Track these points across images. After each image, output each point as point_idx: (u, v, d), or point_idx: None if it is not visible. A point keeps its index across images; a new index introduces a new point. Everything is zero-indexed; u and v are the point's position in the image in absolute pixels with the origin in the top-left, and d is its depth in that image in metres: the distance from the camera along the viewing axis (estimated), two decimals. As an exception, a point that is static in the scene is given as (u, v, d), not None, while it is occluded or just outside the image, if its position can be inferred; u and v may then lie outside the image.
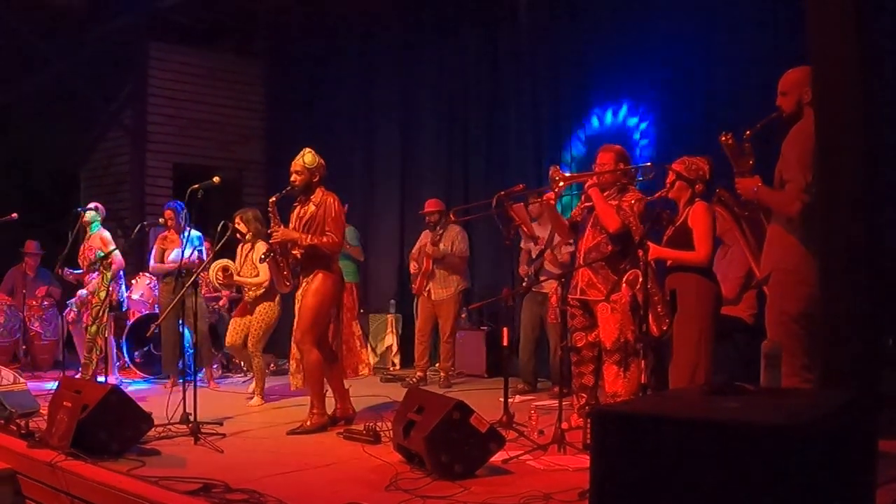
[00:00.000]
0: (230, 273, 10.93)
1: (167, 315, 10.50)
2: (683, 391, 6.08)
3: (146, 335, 11.76)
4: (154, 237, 15.01)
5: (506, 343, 9.06)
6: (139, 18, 15.97)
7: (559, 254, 10.75)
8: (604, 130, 12.06)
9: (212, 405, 9.93)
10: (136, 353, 12.92)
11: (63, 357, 12.93)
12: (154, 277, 12.92)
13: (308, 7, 15.77)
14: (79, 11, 15.55)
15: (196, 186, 9.38)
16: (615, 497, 3.79)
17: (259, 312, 10.72)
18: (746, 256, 7.73)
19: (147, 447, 7.70)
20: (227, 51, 17.41)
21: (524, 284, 11.20)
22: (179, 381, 9.99)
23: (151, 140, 16.64)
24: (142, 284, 12.90)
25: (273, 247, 9.13)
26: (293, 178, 8.88)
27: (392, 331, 14.46)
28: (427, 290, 12.31)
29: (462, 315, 12.88)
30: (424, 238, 12.50)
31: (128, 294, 12.81)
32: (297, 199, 9.00)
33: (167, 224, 11.93)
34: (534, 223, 11.26)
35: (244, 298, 11.04)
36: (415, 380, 12.10)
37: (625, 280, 7.60)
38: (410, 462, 7.07)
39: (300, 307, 8.82)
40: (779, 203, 6.40)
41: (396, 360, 14.32)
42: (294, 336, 8.93)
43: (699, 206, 7.40)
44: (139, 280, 13.03)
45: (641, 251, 7.03)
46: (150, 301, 12.81)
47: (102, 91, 16.98)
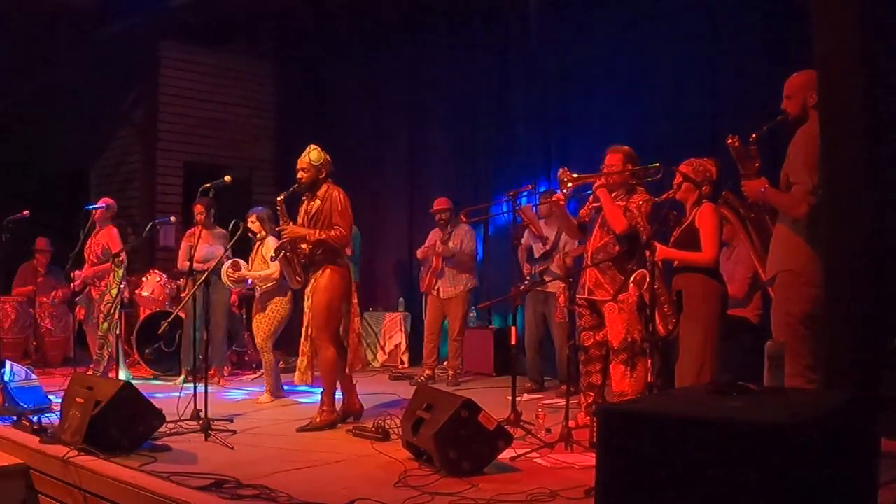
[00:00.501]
0: (239, 267, 10.97)
1: (188, 313, 10.58)
2: (688, 390, 6.12)
3: (158, 332, 11.81)
4: (166, 234, 15.11)
5: (513, 342, 9.12)
6: (150, 18, 15.99)
7: (567, 258, 10.79)
8: (611, 132, 12.10)
9: (223, 402, 10.03)
10: (147, 350, 12.98)
11: (74, 353, 12.99)
12: (165, 275, 12.99)
13: (317, 7, 15.80)
14: (90, 11, 15.61)
15: (207, 185, 9.44)
16: (620, 495, 3.83)
17: (270, 309, 10.75)
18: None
19: (158, 443, 7.73)
20: (238, 50, 17.43)
21: (526, 283, 11.24)
22: (189, 379, 10.03)
23: (162, 138, 16.67)
24: (152, 282, 12.94)
25: (283, 244, 9.18)
26: (300, 175, 8.92)
27: (401, 329, 14.51)
28: (436, 289, 12.36)
29: (470, 314, 12.93)
30: (433, 236, 12.55)
31: (138, 291, 12.85)
32: (305, 196, 9.04)
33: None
34: (541, 222, 11.30)
35: (256, 295, 11.10)
36: (423, 378, 12.11)
37: (632, 280, 7.64)
38: (419, 459, 7.12)
39: (312, 304, 8.85)
40: (785, 205, 6.44)
41: (405, 359, 14.35)
42: (311, 333, 8.97)
43: (706, 208, 7.43)
44: (149, 277, 13.06)
45: (648, 252, 7.07)
46: (161, 298, 12.84)
47: (113, 90, 17.02)
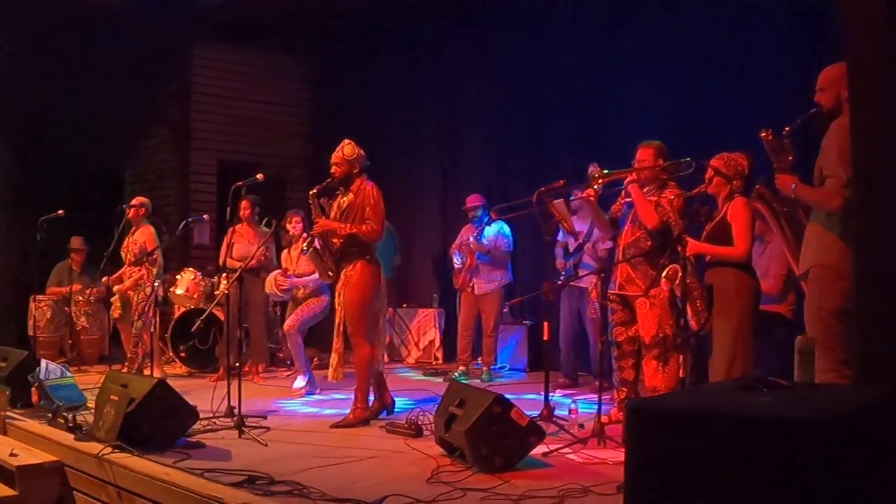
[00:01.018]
0: (288, 276, 11.03)
1: (256, 310, 10.64)
2: (718, 386, 6.10)
3: (192, 330, 11.85)
4: (200, 232, 15.17)
5: (546, 337, 9.11)
6: (183, 18, 16.08)
7: (598, 248, 10.77)
8: (643, 128, 12.07)
9: (257, 399, 10.05)
10: (181, 348, 13.04)
11: (109, 351, 13.05)
12: (199, 272, 13.04)
13: (351, 5, 15.84)
14: (124, 11, 15.68)
15: (240, 183, 9.47)
16: (649, 490, 3.82)
17: (307, 302, 10.84)
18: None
19: (192, 440, 7.79)
20: (271, 49, 17.48)
21: (561, 279, 11.22)
22: (223, 376, 10.06)
23: (196, 137, 16.78)
24: (186, 279, 12.98)
25: (314, 238, 9.19)
26: (333, 170, 8.92)
27: (435, 325, 14.53)
28: (470, 286, 12.35)
29: (504, 310, 12.94)
30: (466, 232, 12.54)
31: (172, 289, 12.89)
32: (339, 190, 9.04)
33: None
34: (574, 217, 11.29)
35: (295, 296, 11.15)
36: (457, 374, 12.12)
37: (664, 275, 7.63)
38: (452, 455, 7.12)
39: (344, 300, 8.86)
40: (819, 199, 6.40)
41: (439, 355, 14.39)
42: (344, 330, 9.00)
43: (738, 202, 7.42)
44: (184, 275, 13.10)
45: (680, 246, 7.05)
46: (195, 296, 12.87)
47: (147, 90, 17.11)
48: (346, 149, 8.90)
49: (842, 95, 6.23)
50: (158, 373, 11.57)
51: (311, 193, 9.12)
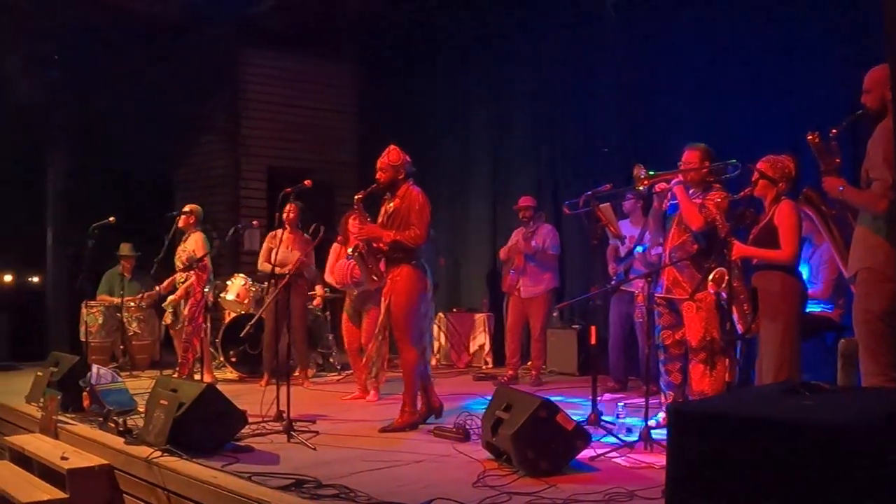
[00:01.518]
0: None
1: (268, 316, 10.69)
2: (761, 389, 6.09)
3: (241, 335, 11.91)
4: (251, 238, 15.24)
5: (594, 341, 9.11)
6: (232, 25, 16.20)
7: (650, 254, 10.74)
8: (691, 130, 12.05)
9: (306, 403, 10.10)
10: (232, 353, 13.12)
11: (160, 357, 13.15)
12: (249, 278, 13.11)
13: (399, 10, 15.89)
14: (173, 20, 15.80)
15: (288, 190, 9.51)
16: (689, 492, 3.83)
17: (371, 317, 10.87)
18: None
19: (241, 444, 7.84)
20: (319, 55, 17.55)
21: (612, 283, 11.20)
22: (273, 380, 10.10)
23: (245, 144, 16.86)
24: (236, 285, 13.06)
25: (359, 243, 9.22)
26: (378, 176, 8.94)
27: (484, 329, 14.53)
28: (518, 289, 12.34)
29: (553, 314, 12.92)
30: (516, 235, 12.54)
31: (223, 295, 12.97)
32: (386, 195, 9.07)
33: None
34: (624, 221, 11.27)
35: (351, 298, 11.17)
36: (506, 378, 12.14)
37: (711, 278, 7.60)
38: (498, 459, 7.13)
39: (390, 305, 8.87)
40: (865, 202, 6.36)
41: (489, 359, 14.38)
42: (385, 336, 9.03)
43: (785, 205, 7.39)
44: (234, 281, 13.19)
45: (726, 249, 7.03)
46: (245, 301, 12.95)
47: (197, 97, 17.22)
48: (391, 154, 8.92)
49: (886, 97, 6.20)
50: (209, 378, 11.70)
51: (357, 199, 9.17)
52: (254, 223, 13.20)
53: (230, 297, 12.96)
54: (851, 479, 3.42)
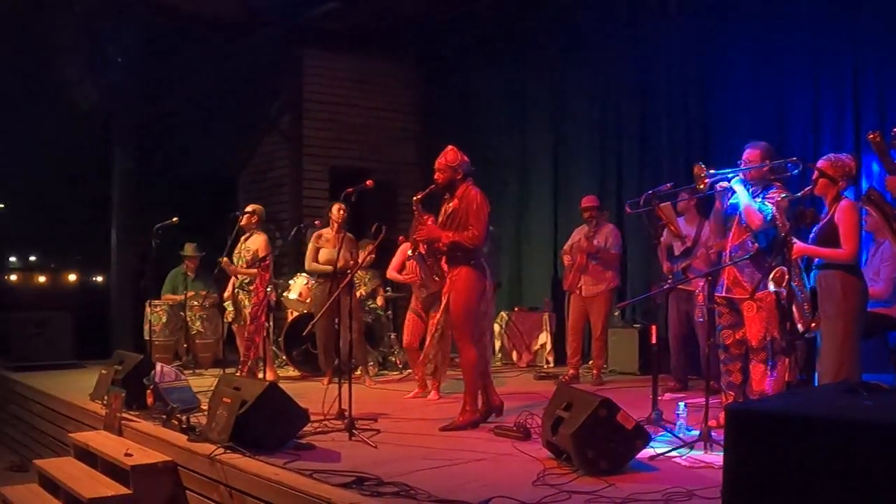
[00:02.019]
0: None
1: (323, 315, 10.73)
2: (819, 389, 6.07)
3: (303, 334, 11.98)
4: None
5: (654, 341, 9.08)
6: (292, 27, 16.30)
7: (712, 252, 10.67)
8: (751, 129, 12.00)
9: (367, 402, 10.13)
10: (294, 351, 13.20)
11: (223, 355, 13.24)
12: (311, 277, 13.17)
13: (459, 10, 15.92)
14: (234, 21, 15.92)
15: (350, 190, 9.56)
16: (746, 493, 3.82)
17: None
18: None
19: (303, 442, 7.88)
20: (379, 55, 17.62)
21: (669, 282, 11.15)
22: (335, 379, 10.14)
23: (308, 144, 16.98)
24: (299, 284, 13.13)
25: (418, 244, 9.25)
26: (436, 176, 8.94)
27: (546, 329, 14.51)
28: (579, 287, 12.30)
29: (615, 313, 12.90)
30: (578, 234, 12.51)
31: (285, 294, 13.03)
32: (445, 196, 9.07)
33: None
34: (678, 220, 11.22)
35: (415, 296, 11.20)
36: (567, 377, 12.13)
37: (771, 277, 7.58)
38: (558, 458, 7.13)
39: (450, 305, 8.89)
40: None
41: (550, 358, 14.34)
42: (453, 335, 9.06)
43: (845, 204, 7.35)
44: (297, 280, 13.26)
45: (786, 248, 7.00)
46: (308, 300, 13.01)
47: (259, 98, 17.36)
48: (449, 155, 8.92)
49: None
50: (271, 376, 11.76)
51: (415, 199, 9.21)
52: (316, 223, 13.25)
53: (293, 297, 13.04)
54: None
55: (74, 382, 12.00)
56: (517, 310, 14.95)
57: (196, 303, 14.15)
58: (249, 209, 12.38)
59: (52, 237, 22.64)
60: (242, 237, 12.27)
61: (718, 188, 8.31)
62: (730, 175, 8.25)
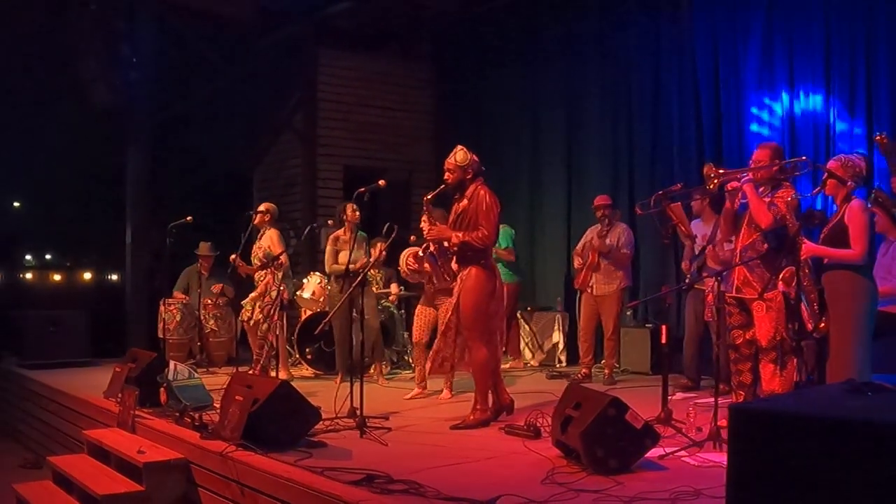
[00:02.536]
0: (421, 258, 11.12)
1: (338, 314, 10.78)
2: (824, 389, 6.06)
3: (315, 332, 12.02)
4: (325, 236, 15.37)
5: (664, 341, 9.10)
6: (307, 26, 16.37)
7: (720, 250, 10.67)
8: (763, 130, 12.03)
9: (379, 400, 10.18)
10: (308, 350, 13.25)
11: (237, 354, 13.30)
12: (325, 276, 13.20)
13: (473, 9, 15.96)
14: (249, 20, 15.98)
15: (362, 189, 9.59)
16: (750, 493, 3.83)
17: (444, 311, 10.91)
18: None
19: (314, 440, 7.94)
20: (394, 55, 17.70)
21: (686, 281, 11.15)
22: (347, 377, 10.18)
23: (322, 143, 17.02)
24: (312, 283, 13.16)
25: (428, 243, 9.28)
26: (446, 176, 9.01)
27: (559, 328, 14.53)
28: (590, 287, 12.30)
29: (627, 312, 12.91)
30: (590, 233, 12.51)
31: (299, 293, 13.08)
32: (456, 195, 9.10)
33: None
34: (696, 221, 11.23)
35: (425, 289, 11.22)
36: (579, 376, 12.13)
37: (780, 277, 7.59)
38: (568, 457, 7.15)
39: (460, 305, 8.91)
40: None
41: (563, 358, 14.36)
42: (462, 334, 9.09)
43: (855, 204, 7.36)
44: (310, 279, 13.29)
45: (796, 248, 7.01)
46: (321, 299, 13.05)
47: (273, 97, 17.41)
48: (459, 155, 8.97)
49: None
50: (284, 374, 11.80)
51: (426, 199, 9.25)
52: (329, 222, 13.30)
53: (306, 295, 13.07)
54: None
55: (89, 380, 12.06)
56: (530, 309, 14.96)
57: (209, 301, 14.20)
58: (262, 208, 12.43)
59: (68, 236, 22.76)
60: (257, 236, 12.30)
61: (728, 188, 8.33)
62: (740, 175, 8.27)
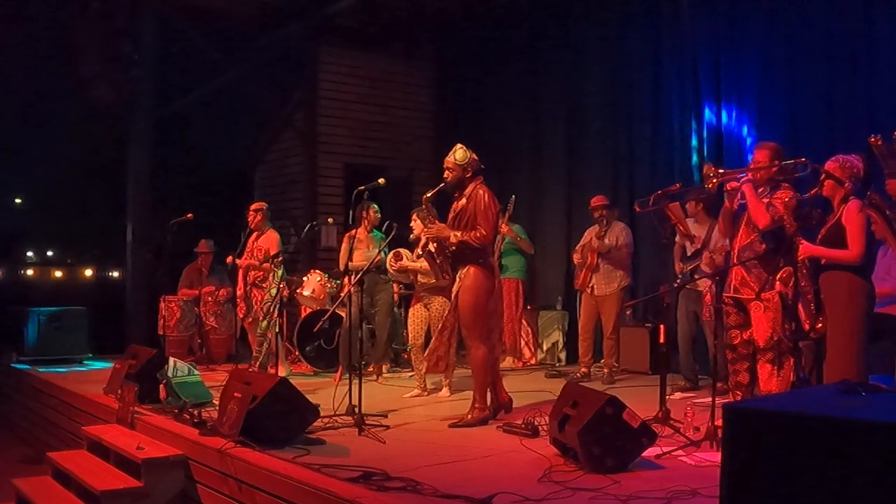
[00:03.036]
0: (401, 257, 11.13)
1: (347, 313, 10.82)
2: (818, 389, 6.07)
3: (314, 330, 12.05)
4: (328, 235, 15.39)
5: (662, 340, 9.11)
6: (309, 24, 16.37)
7: (718, 258, 10.67)
8: (763, 129, 12.05)
9: (378, 398, 10.21)
10: (307, 348, 13.27)
11: (236, 350, 13.32)
12: (325, 274, 13.23)
13: (473, 9, 15.98)
14: (251, 18, 16.00)
15: (362, 188, 9.61)
16: (744, 492, 3.84)
17: (436, 310, 10.92)
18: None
19: (313, 437, 7.96)
20: (396, 53, 17.71)
21: (678, 281, 11.18)
22: (346, 375, 10.19)
23: (323, 141, 17.05)
24: (312, 281, 13.18)
25: (428, 242, 9.31)
26: (445, 175, 9.04)
27: (559, 327, 14.55)
28: (590, 286, 12.32)
29: (627, 312, 12.93)
30: (589, 233, 12.53)
31: (299, 290, 13.10)
32: (455, 194, 9.12)
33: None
34: (689, 222, 11.25)
35: (416, 290, 11.25)
36: (579, 375, 12.15)
37: (778, 278, 7.60)
38: (565, 455, 7.16)
39: (458, 304, 8.93)
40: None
41: (562, 356, 14.41)
42: (462, 333, 9.12)
43: (853, 205, 7.36)
44: (310, 277, 13.30)
45: (793, 249, 7.02)
46: (321, 297, 13.06)
47: (275, 95, 17.45)
48: (458, 153, 9.00)
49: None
50: (283, 371, 11.81)
51: (425, 198, 9.27)
52: (329, 220, 13.34)
53: (306, 293, 13.08)
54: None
55: (89, 376, 12.13)
56: (530, 308, 14.97)
57: (210, 298, 14.23)
58: (254, 207, 12.43)
59: (70, 233, 22.81)
60: (253, 236, 12.31)
61: (727, 188, 8.34)
62: (739, 175, 8.28)
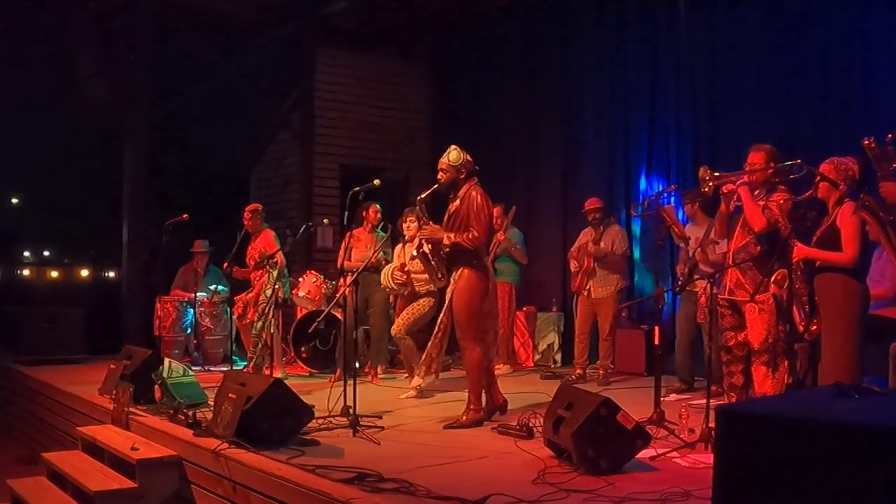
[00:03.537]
0: (407, 271, 11.16)
1: (347, 312, 10.83)
2: (811, 391, 6.08)
3: (309, 331, 12.05)
4: (324, 236, 15.39)
5: (657, 342, 9.12)
6: (305, 24, 16.39)
7: (711, 253, 10.68)
8: (759, 130, 12.04)
9: (373, 399, 10.20)
10: (303, 349, 13.27)
11: (231, 351, 13.33)
12: (321, 275, 13.23)
13: (470, 10, 15.99)
14: (247, 18, 16.00)
15: (357, 189, 9.61)
16: (736, 494, 3.85)
17: (419, 303, 10.96)
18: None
19: (307, 438, 7.96)
20: (392, 54, 17.71)
21: (679, 283, 11.18)
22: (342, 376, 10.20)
23: (319, 142, 17.03)
24: (308, 282, 13.17)
25: (423, 243, 9.32)
26: (439, 176, 9.05)
27: (554, 329, 14.57)
28: (587, 289, 12.34)
29: (623, 314, 12.94)
30: (584, 236, 12.54)
31: (294, 291, 13.10)
32: (449, 196, 9.13)
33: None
34: (689, 224, 11.26)
35: (414, 290, 11.27)
36: (574, 377, 12.18)
37: (773, 280, 7.61)
38: (560, 457, 7.17)
39: (453, 306, 8.95)
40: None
41: (558, 358, 14.42)
42: (456, 335, 9.13)
43: (847, 207, 7.35)
44: (306, 278, 13.30)
45: (788, 251, 7.02)
46: (317, 298, 13.07)
47: (271, 95, 17.45)
48: (452, 154, 9.00)
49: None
50: (278, 372, 11.80)
51: (419, 199, 9.27)
52: (325, 220, 13.34)
53: (302, 294, 13.08)
54: (887, 482, 3.41)
55: (84, 377, 12.10)
56: (525, 309, 14.98)
57: (205, 299, 14.23)
58: (250, 209, 12.43)
59: (66, 233, 22.81)
60: (251, 238, 12.32)
61: (723, 191, 8.34)
62: (735, 178, 8.28)
